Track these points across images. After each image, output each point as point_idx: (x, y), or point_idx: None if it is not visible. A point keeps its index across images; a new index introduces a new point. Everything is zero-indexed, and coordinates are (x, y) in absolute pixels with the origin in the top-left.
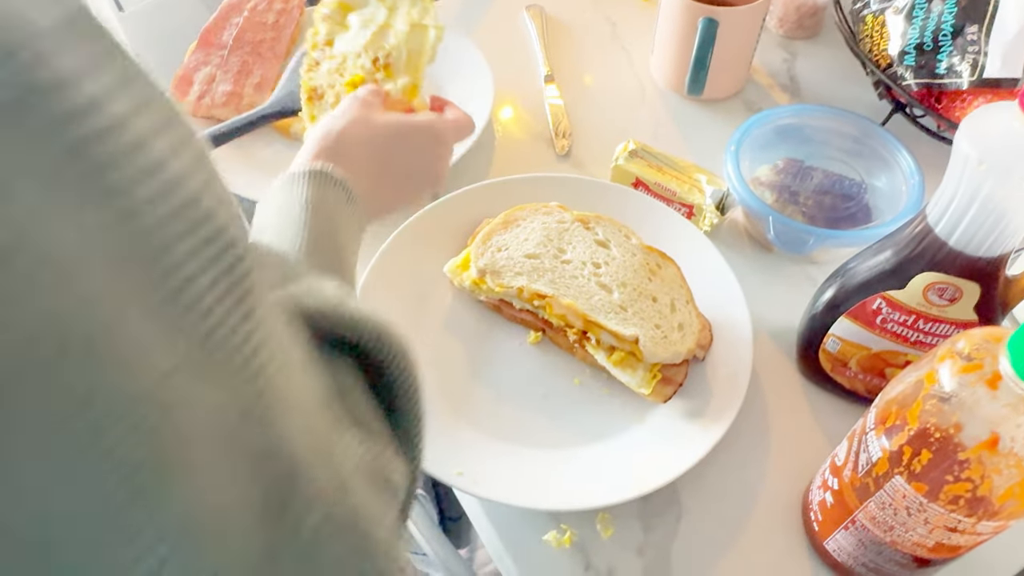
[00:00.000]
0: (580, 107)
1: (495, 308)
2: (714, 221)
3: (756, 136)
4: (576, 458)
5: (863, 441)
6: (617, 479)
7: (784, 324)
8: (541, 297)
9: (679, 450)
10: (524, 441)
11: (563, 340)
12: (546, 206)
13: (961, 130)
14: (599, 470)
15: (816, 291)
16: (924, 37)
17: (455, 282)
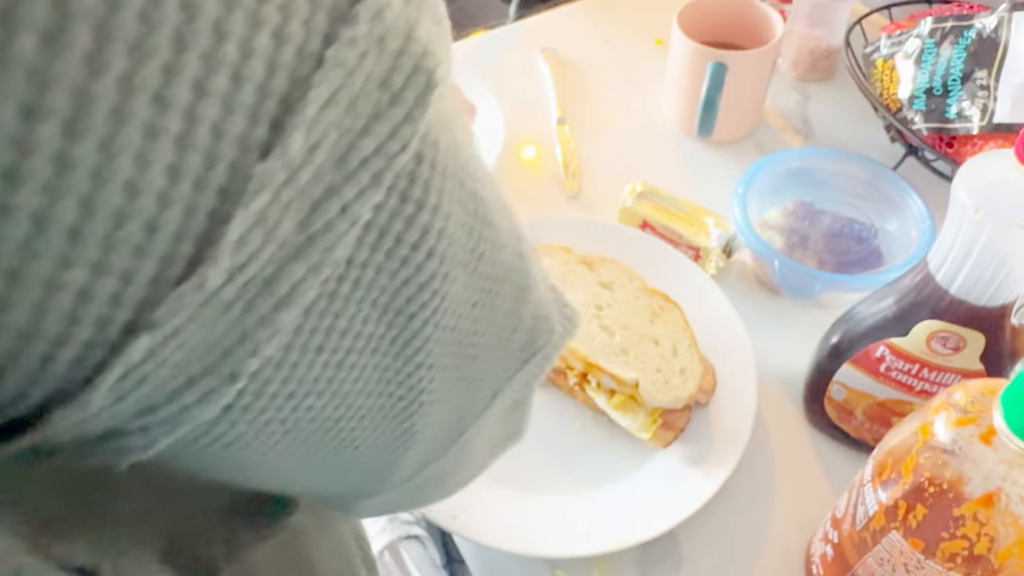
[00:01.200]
0: (591, 148)
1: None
2: (720, 264)
3: (765, 179)
4: (574, 504)
5: (861, 494)
6: (616, 526)
7: (791, 369)
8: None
9: (679, 497)
10: (521, 485)
11: (563, 382)
12: (549, 247)
13: (958, 178)
14: (598, 516)
15: (822, 337)
16: (934, 82)
17: None
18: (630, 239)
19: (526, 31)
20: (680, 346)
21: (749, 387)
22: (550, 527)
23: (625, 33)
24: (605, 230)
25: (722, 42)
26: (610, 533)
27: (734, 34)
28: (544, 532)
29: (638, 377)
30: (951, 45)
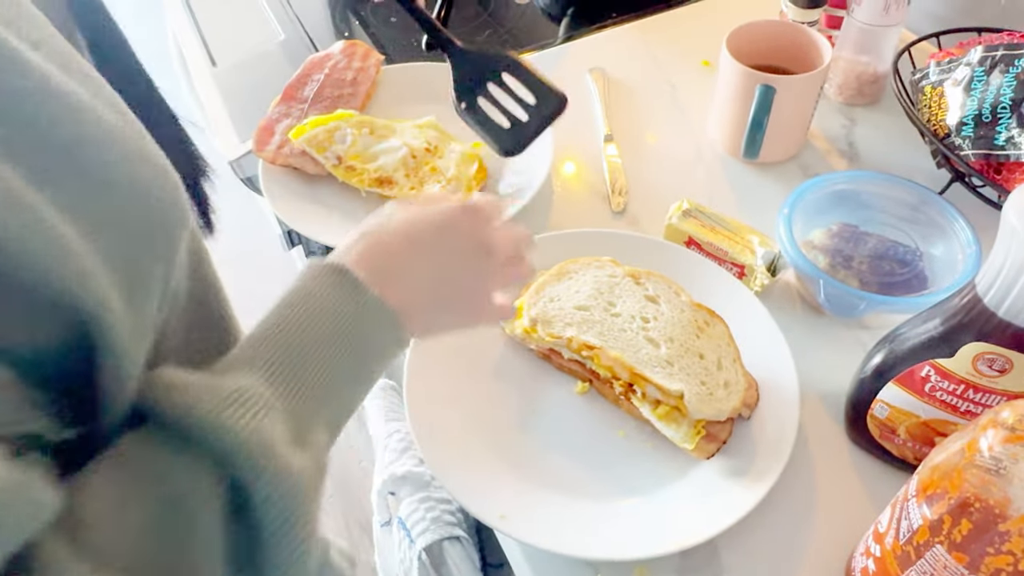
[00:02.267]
0: (638, 166)
1: (544, 357)
2: (765, 282)
3: (811, 200)
4: (617, 509)
5: (905, 508)
6: (657, 533)
7: (833, 387)
8: (589, 348)
9: (720, 507)
10: (567, 490)
11: (609, 392)
12: (598, 260)
13: (1010, 201)
14: (640, 522)
15: (865, 356)
16: (983, 109)
17: (507, 330)
18: (675, 255)
19: (575, 51)
20: (724, 360)
21: (791, 402)
22: (593, 530)
23: (672, 55)
24: (651, 246)
25: (770, 66)
26: (651, 539)
27: (782, 58)
28: (587, 535)
29: (683, 388)
30: (1001, 74)
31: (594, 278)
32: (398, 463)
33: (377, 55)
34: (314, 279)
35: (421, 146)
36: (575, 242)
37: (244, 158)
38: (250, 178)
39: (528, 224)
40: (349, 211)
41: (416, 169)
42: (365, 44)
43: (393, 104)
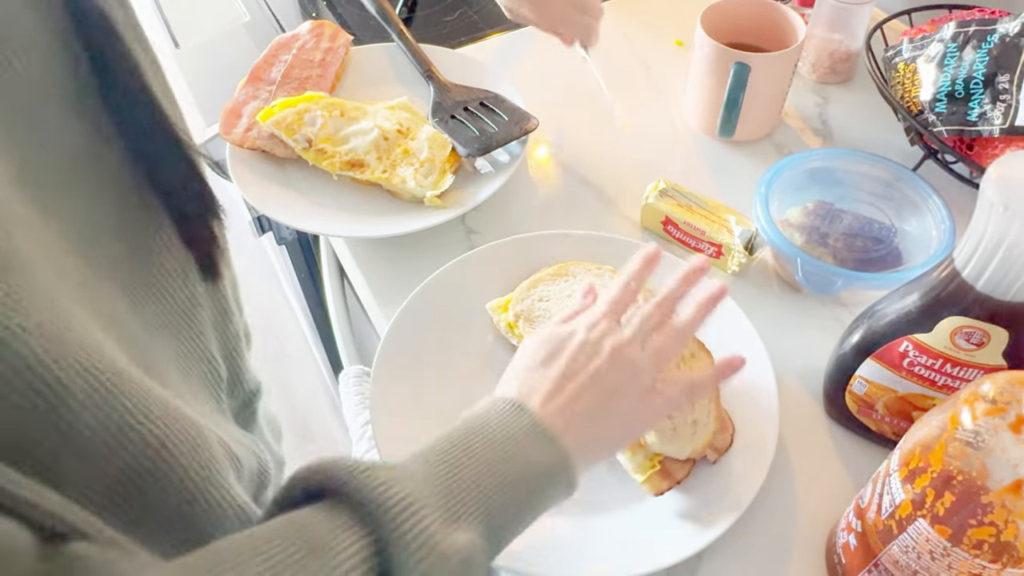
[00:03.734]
0: (612, 146)
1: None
2: (742, 261)
3: (787, 178)
4: (589, 527)
5: (887, 483)
6: (631, 550)
7: (811, 365)
8: None
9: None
10: None
11: None
12: (599, 267)
13: (987, 176)
14: (616, 538)
15: (843, 333)
16: (955, 85)
17: (494, 320)
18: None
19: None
20: (700, 399)
21: (771, 414)
22: (569, 548)
23: (646, 35)
24: (620, 246)
25: (743, 44)
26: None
27: (755, 37)
28: (559, 551)
29: None
30: (974, 49)
31: (589, 285)
32: (373, 452)
33: (346, 35)
34: (519, 433)
35: (393, 128)
36: (570, 244)
37: (210, 142)
38: (217, 162)
39: (511, 202)
40: (320, 195)
41: (388, 151)
42: (333, 24)
43: (363, 85)
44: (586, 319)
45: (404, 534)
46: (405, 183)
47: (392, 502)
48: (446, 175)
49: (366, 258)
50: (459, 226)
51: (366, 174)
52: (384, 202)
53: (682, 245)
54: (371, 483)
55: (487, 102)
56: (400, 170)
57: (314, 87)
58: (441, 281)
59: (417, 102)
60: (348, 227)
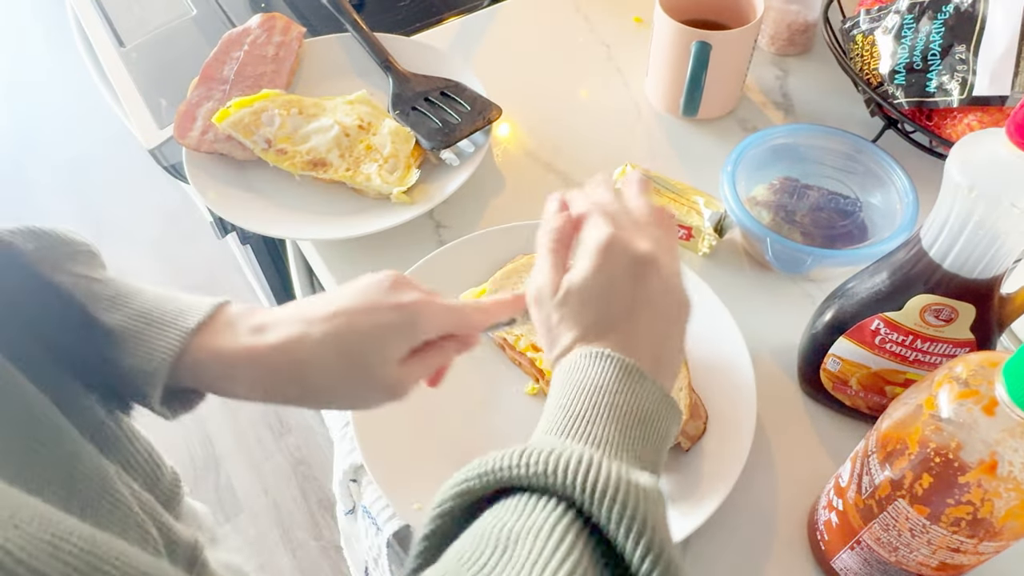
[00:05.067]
0: (576, 130)
1: (500, 346)
2: (712, 243)
3: (752, 156)
4: None
5: (865, 464)
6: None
7: (785, 343)
8: (535, 349)
9: (680, 511)
10: None
11: (531, 370)
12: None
13: (951, 158)
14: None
15: (815, 311)
16: (913, 56)
17: None
18: None
19: (504, 15)
20: None
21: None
22: None
23: (604, 14)
24: None
25: (702, 20)
26: None
27: (714, 11)
28: None
29: None
30: (929, 20)
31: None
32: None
33: (298, 27)
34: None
35: (354, 123)
36: (523, 235)
37: (165, 145)
38: (174, 166)
39: (479, 193)
40: (284, 197)
41: (350, 148)
42: (284, 16)
43: (320, 79)
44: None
45: (600, 492)
46: (370, 180)
47: (574, 468)
48: (411, 170)
49: (335, 258)
50: (428, 221)
51: (329, 173)
52: (350, 201)
53: None
54: (540, 463)
55: (448, 91)
56: (364, 167)
57: (269, 84)
58: (429, 265)
59: (376, 94)
60: (314, 229)
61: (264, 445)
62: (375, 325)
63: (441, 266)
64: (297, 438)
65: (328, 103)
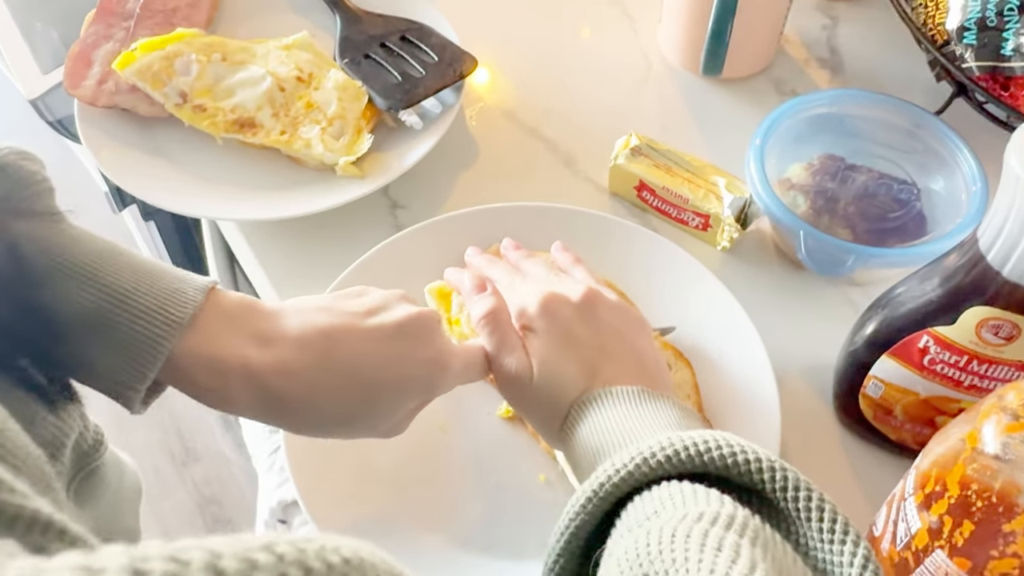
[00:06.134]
0: (574, 92)
1: None
2: (734, 236)
3: (787, 128)
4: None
5: (901, 509)
6: None
7: (818, 361)
8: None
9: None
10: (468, 539)
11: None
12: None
13: (1011, 147)
14: None
15: (856, 323)
16: (987, 11)
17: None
18: (604, 227)
19: None
20: None
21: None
22: None
23: None
24: (584, 222)
25: None
26: None
27: None
28: None
29: None
30: None
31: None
32: (288, 485)
33: None
34: None
35: (291, 74)
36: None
37: (50, 95)
38: (61, 120)
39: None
40: (201, 166)
41: (286, 106)
42: None
43: (248, 17)
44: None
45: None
46: (310, 147)
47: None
48: (362, 135)
49: (264, 244)
50: (382, 200)
51: (259, 137)
52: (284, 172)
53: (661, 216)
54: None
55: (410, 36)
56: (303, 130)
57: (184, 22)
58: (362, 272)
59: (320, 37)
60: (238, 207)
61: (163, 478)
62: (400, 378)
63: (397, 257)
64: (206, 469)
65: (259, 48)
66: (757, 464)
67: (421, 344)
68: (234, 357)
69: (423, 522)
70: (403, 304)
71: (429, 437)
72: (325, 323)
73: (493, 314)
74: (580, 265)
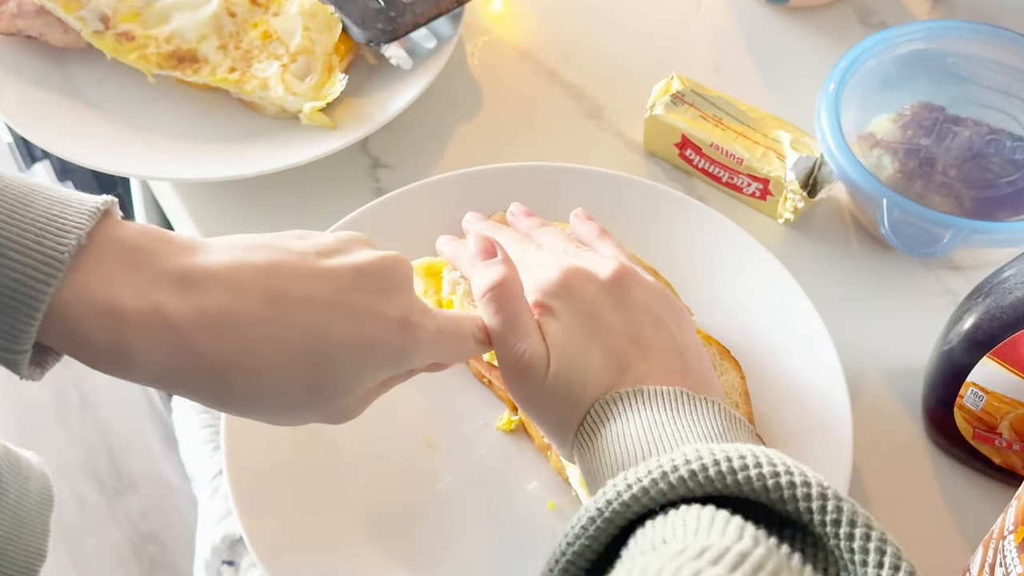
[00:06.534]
0: (600, 20)
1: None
2: (799, 205)
3: (872, 69)
4: None
5: (1000, 549)
6: None
7: (905, 363)
8: None
9: None
10: None
11: (537, 434)
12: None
13: None
14: None
15: (951, 316)
16: None
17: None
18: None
19: None
20: None
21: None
22: None
23: None
24: (611, 186)
25: None
26: None
27: None
28: None
29: None
30: None
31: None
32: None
33: None
34: None
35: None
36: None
37: None
38: None
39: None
40: (129, 110)
41: (237, 36)
42: None
43: None
44: None
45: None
46: (267, 89)
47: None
48: (334, 75)
49: (208, 212)
50: (359, 158)
51: (202, 75)
52: (235, 120)
53: (708, 179)
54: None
55: None
56: (259, 67)
57: None
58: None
59: None
60: (176, 165)
61: (88, 510)
62: (363, 340)
63: (378, 229)
64: (143, 499)
65: None
66: (804, 490)
67: (389, 297)
68: (141, 303)
69: (406, 563)
70: (362, 246)
71: (412, 454)
72: (265, 260)
73: (502, 285)
74: (607, 238)
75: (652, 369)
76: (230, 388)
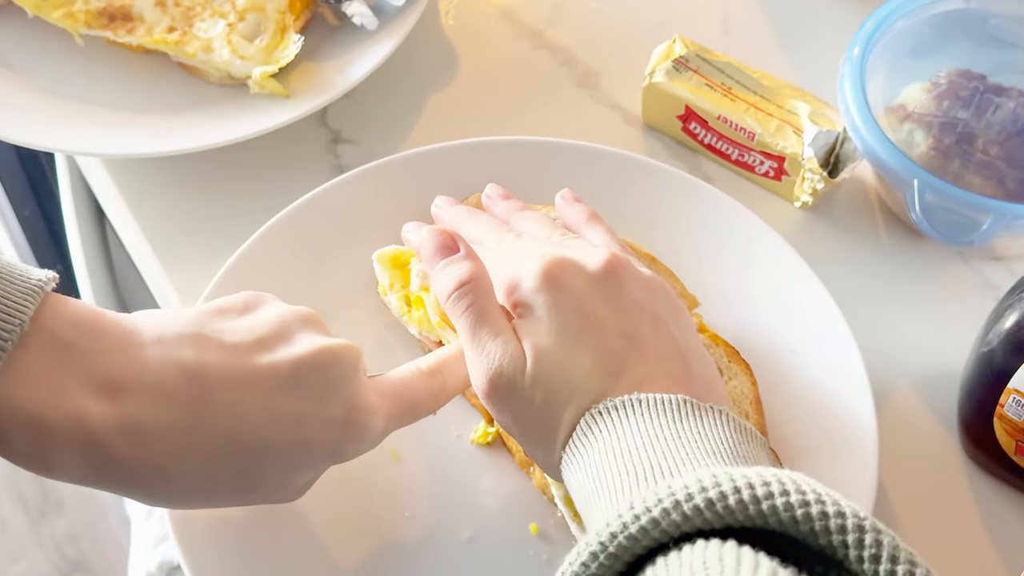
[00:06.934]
0: None
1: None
2: (818, 187)
3: (902, 31)
4: None
5: None
6: None
7: (939, 367)
8: None
9: None
10: None
11: (518, 448)
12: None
13: None
14: None
15: (991, 313)
16: None
17: (380, 291)
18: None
19: None
20: None
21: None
22: None
23: None
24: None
25: None
26: None
27: None
28: None
29: None
30: None
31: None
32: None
33: None
34: None
35: None
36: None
37: None
38: None
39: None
40: (54, 76)
41: None
42: None
43: None
44: None
45: None
46: (211, 51)
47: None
48: (288, 36)
49: (144, 193)
50: (317, 130)
51: (137, 35)
52: (174, 88)
53: (715, 157)
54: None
55: None
56: (201, 26)
57: None
58: (285, 234)
59: None
60: (107, 139)
61: (10, 534)
62: (295, 443)
63: (337, 212)
64: (71, 520)
65: None
66: (839, 521)
67: (328, 396)
68: (63, 413)
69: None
70: (306, 332)
71: (376, 470)
72: (193, 362)
73: (468, 284)
74: (598, 223)
75: (651, 372)
76: (152, 491)
